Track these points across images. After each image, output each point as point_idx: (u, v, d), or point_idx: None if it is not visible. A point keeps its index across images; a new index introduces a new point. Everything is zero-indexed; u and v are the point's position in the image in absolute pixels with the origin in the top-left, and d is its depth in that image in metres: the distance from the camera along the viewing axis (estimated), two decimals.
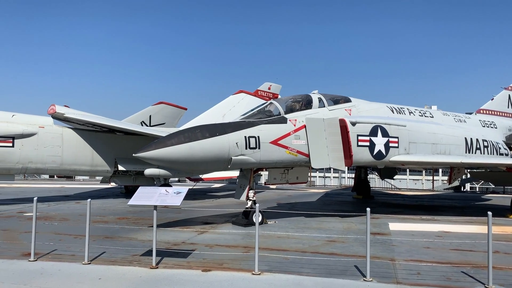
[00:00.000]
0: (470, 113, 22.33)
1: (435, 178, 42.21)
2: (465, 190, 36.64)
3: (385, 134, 14.40)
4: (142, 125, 23.17)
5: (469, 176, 30.36)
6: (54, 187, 28.07)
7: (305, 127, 12.93)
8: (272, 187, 28.92)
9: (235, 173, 15.70)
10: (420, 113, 17.29)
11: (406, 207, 19.15)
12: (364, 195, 22.90)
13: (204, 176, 21.39)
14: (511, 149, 20.32)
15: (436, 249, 9.61)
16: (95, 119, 18.22)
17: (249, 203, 12.71)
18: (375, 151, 14.19)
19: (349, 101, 14.98)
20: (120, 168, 18.84)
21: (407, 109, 16.98)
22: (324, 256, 8.70)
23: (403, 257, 8.74)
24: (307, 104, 13.74)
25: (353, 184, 24.93)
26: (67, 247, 9.28)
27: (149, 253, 8.35)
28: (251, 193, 12.75)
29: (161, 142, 11.31)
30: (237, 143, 11.70)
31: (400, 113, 16.39)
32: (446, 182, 34.83)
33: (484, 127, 20.28)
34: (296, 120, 12.99)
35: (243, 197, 12.78)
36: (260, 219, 10.32)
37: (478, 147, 17.36)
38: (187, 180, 24.52)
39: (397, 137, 14.67)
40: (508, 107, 23.53)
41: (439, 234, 11.77)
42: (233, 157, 11.68)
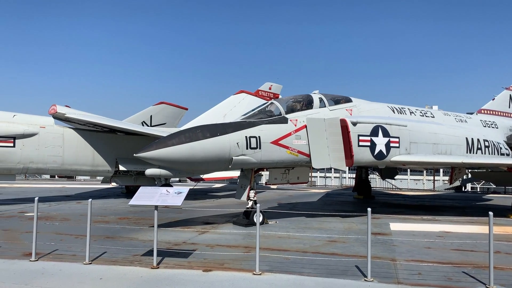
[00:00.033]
0: (471, 113, 22.31)
1: (436, 178, 42.23)
2: (466, 190, 36.61)
3: (386, 134, 14.39)
4: (143, 125, 23.19)
5: (470, 176, 30.41)
6: (55, 187, 28.10)
7: (306, 127, 12.92)
8: (273, 187, 28.87)
9: (236, 173, 15.70)
10: (421, 113, 17.28)
11: (407, 207, 19.13)
12: (365, 195, 22.85)
13: (205, 176, 21.36)
14: None
15: (437, 249, 9.61)
16: (96, 119, 18.24)
17: (250, 203, 12.71)
18: (376, 151, 14.18)
19: (350, 101, 14.98)
20: (121, 168, 18.84)
21: (408, 109, 16.98)
22: (325, 256, 8.69)
23: (404, 257, 8.73)
24: (308, 104, 13.73)
25: (354, 184, 24.87)
26: (68, 247, 9.29)
27: (150, 253, 8.35)
28: (252, 193, 12.74)
29: (162, 142, 11.30)
30: (238, 143, 11.69)
31: (401, 113, 16.38)
32: (447, 182, 34.72)
33: (485, 127, 20.25)
34: (297, 120, 12.97)
35: (244, 197, 12.77)
36: (261, 219, 10.36)
37: (479, 147, 17.34)
38: (188, 180, 24.52)
39: (398, 137, 14.66)
40: (509, 107, 23.47)
41: (440, 234, 11.76)
42: (234, 157, 11.67)
